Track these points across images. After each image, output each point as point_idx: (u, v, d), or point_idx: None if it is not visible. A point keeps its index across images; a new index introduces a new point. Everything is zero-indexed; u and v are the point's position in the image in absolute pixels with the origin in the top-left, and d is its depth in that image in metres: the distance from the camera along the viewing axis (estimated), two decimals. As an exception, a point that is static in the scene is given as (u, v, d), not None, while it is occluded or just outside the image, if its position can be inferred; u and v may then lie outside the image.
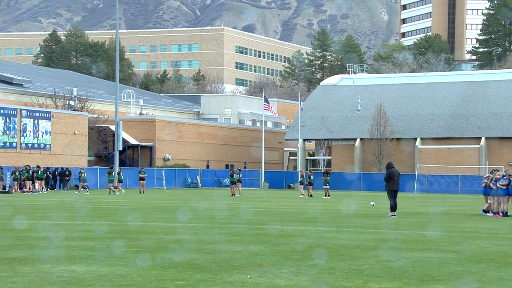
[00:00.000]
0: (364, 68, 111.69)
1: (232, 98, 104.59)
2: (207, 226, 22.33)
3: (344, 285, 11.00)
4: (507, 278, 11.93)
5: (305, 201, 43.76)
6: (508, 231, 22.01)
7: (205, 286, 10.71)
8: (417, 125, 77.13)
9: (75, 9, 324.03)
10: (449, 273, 12.42)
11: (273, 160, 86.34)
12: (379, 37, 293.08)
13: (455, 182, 67.80)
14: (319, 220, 25.61)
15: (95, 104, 76.55)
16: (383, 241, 18.03)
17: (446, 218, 28.59)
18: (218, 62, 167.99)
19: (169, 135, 76.14)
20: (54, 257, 13.90)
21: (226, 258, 13.93)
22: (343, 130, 79.28)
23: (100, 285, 10.67)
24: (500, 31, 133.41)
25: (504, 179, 29.32)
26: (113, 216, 27.04)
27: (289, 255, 14.68)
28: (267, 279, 11.39)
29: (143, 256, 14.13)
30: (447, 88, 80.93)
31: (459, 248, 16.52)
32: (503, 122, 74.62)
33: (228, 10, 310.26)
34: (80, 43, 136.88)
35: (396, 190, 27.10)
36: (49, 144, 62.70)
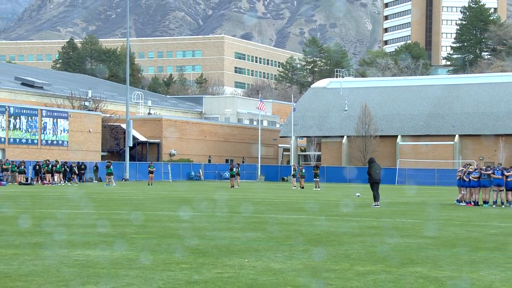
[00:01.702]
0: (351, 72, 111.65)
1: (231, 99, 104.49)
2: (209, 215, 22.33)
3: (332, 268, 11.00)
4: (478, 261, 11.94)
5: (297, 192, 43.76)
6: (479, 219, 22.04)
7: (207, 269, 10.70)
8: (398, 123, 77.15)
9: (90, 19, 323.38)
10: (427, 257, 12.43)
11: (268, 155, 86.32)
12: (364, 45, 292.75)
13: (432, 175, 67.82)
14: (310, 210, 25.62)
15: (107, 104, 76.44)
16: (367, 228, 18.04)
17: (424, 207, 28.63)
18: (218, 66, 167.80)
19: (175, 132, 76.07)
20: (71, 242, 13.90)
21: (226, 244, 13.93)
22: (331, 128, 79.26)
23: (112, 268, 10.67)
24: (471, 39, 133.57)
25: (476, 172, 29.39)
26: (124, 205, 27.02)
27: (283, 241, 14.68)
28: (263, 263, 11.39)
29: (151, 242, 14.12)
30: (424, 91, 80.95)
31: (435, 234, 16.54)
32: (474, 121, 74.66)
33: (228, 20, 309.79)
34: (94, 50, 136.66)
35: (378, 182, 27.13)
36: (67, 141, 62.62)
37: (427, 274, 10.46)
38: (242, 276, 10.08)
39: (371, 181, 27.17)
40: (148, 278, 9.89)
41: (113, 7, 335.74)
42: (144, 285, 9.36)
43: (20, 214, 21.33)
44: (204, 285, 9.42)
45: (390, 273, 10.51)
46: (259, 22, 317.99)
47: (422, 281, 9.88)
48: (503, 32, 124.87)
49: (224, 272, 10.41)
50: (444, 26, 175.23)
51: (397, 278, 10.09)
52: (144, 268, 10.76)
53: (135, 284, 9.39)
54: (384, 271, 10.68)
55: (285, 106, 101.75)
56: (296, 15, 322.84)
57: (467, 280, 10.06)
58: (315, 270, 10.70)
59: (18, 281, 9.56)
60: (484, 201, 29.20)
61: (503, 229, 18.59)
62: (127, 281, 9.64)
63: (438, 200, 34.67)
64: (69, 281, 9.63)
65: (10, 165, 52.40)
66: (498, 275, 10.54)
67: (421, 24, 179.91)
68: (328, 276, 10.18)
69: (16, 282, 9.53)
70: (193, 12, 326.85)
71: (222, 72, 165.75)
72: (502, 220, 21.79)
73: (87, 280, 9.70)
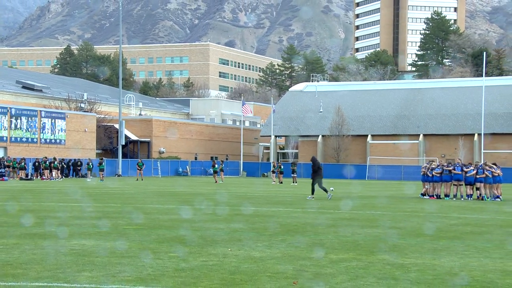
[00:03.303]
0: (325, 77, 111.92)
1: (216, 101, 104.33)
2: (195, 208, 22.27)
3: (308, 256, 11.02)
4: (439, 249, 12.02)
5: (276, 187, 43.78)
6: (440, 210, 22.18)
7: (193, 258, 10.68)
8: (368, 124, 77.44)
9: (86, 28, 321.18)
10: (394, 245, 12.48)
11: (250, 153, 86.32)
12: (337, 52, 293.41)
13: (398, 171, 68.18)
14: (288, 203, 25.64)
15: (102, 106, 76.01)
16: (340, 219, 18.08)
17: (391, 200, 28.75)
18: (204, 71, 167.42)
19: (164, 132, 75.80)
20: (68, 233, 13.80)
21: (210, 234, 13.91)
22: (308, 128, 79.39)
23: (106, 257, 10.62)
24: (434, 47, 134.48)
25: (438, 168, 29.60)
26: (117, 199, 26.87)
27: (263, 231, 14.68)
28: (245, 252, 11.39)
29: (142, 233, 14.07)
30: (392, 94, 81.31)
31: (401, 225, 16.61)
32: (437, 122, 75.15)
33: (213, 29, 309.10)
34: (89, 56, 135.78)
35: (321, 177, 27.40)
36: (64, 140, 62.19)
37: (394, 261, 10.51)
38: (226, 264, 10.07)
39: (316, 177, 27.30)
40: (138, 266, 9.85)
41: (107, 16, 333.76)
42: (135, 272, 9.33)
43: (20, 207, 21.14)
44: (190, 272, 9.40)
45: (361, 261, 10.55)
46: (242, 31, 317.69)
47: (389, 268, 9.93)
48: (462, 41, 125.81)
49: (209, 260, 10.39)
50: (410, 35, 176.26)
51: (367, 265, 10.13)
52: (135, 256, 10.72)
53: (127, 272, 9.35)
54: (355, 259, 10.71)
55: (265, 108, 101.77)
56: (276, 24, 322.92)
57: (430, 266, 10.13)
58: (293, 258, 10.71)
59: (19, 269, 9.49)
60: (445, 195, 29.43)
61: (462, 220, 18.73)
62: (120, 268, 9.59)
63: (404, 194, 34.86)
64: (66, 268, 9.57)
65: (12, 162, 51.96)
66: (457, 261, 10.62)
67: (389, 34, 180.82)
68: (304, 264, 10.20)
69: (16, 269, 9.45)
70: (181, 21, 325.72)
71: (207, 77, 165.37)
72: (461, 212, 21.95)
73: (82, 268, 9.65)
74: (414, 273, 9.49)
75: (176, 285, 8.48)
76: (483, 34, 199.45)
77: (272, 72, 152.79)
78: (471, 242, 13.25)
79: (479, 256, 11.25)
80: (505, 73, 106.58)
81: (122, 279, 8.81)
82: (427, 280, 9.02)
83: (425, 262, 10.52)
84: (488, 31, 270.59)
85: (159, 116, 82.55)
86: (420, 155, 72.35)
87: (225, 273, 9.32)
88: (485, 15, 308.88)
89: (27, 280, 8.73)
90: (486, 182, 28.61)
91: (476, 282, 8.93)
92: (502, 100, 74.49)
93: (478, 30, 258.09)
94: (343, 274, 9.34)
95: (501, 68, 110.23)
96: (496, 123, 71.98)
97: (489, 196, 28.71)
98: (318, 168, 27.29)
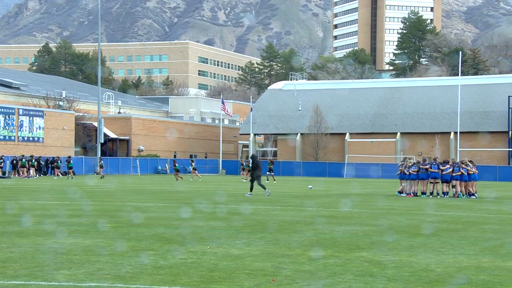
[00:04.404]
0: (304, 75, 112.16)
1: (195, 99, 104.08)
2: (174, 205, 22.20)
3: (286, 253, 11.04)
4: (416, 246, 12.11)
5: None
6: (417, 208, 22.35)
7: (172, 255, 10.65)
8: (346, 122, 77.79)
9: (64, 26, 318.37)
10: (371, 243, 12.55)
11: (229, 151, 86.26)
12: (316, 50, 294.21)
13: (376, 169, 68.59)
14: (267, 200, 25.64)
15: (80, 104, 75.47)
16: (318, 217, 18.12)
17: (369, 198, 28.89)
18: (183, 70, 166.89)
19: (143, 130, 75.43)
20: (46, 231, 13.68)
21: (189, 232, 13.87)
22: (286, 127, 79.53)
23: (84, 255, 10.54)
24: (411, 47, 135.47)
25: (415, 166, 29.83)
26: (95, 197, 26.69)
27: (242, 229, 14.68)
28: (224, 249, 11.37)
29: (121, 231, 13.99)
30: (370, 93, 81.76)
31: (379, 222, 16.70)
32: (414, 121, 75.72)
33: (192, 27, 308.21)
34: (68, 54, 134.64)
35: (260, 175, 27.54)
36: (42, 138, 61.63)
37: (372, 258, 10.57)
38: (204, 262, 10.06)
39: (255, 175, 27.40)
40: (117, 263, 9.79)
41: (85, 14, 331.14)
42: (113, 270, 9.27)
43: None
44: (169, 269, 9.37)
45: (339, 258, 10.59)
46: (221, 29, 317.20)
47: (367, 265, 9.98)
48: (439, 40, 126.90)
49: (188, 258, 10.36)
50: (387, 35, 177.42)
51: (345, 262, 10.17)
52: (114, 254, 10.65)
53: (105, 269, 9.29)
54: (333, 256, 10.75)
55: (245, 106, 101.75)
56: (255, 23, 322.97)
57: (406, 263, 10.20)
58: (271, 256, 10.72)
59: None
60: (422, 192, 29.64)
61: (438, 217, 18.89)
62: (98, 266, 9.53)
63: (381, 192, 35.05)
64: (44, 266, 9.49)
65: (-11, 160, 51.37)
66: (433, 258, 10.71)
67: (367, 33, 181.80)
68: (283, 261, 10.22)
69: (-7, 268, 9.34)
70: (160, 19, 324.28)
71: (186, 75, 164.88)
72: (438, 209, 22.14)
73: (60, 266, 9.57)
74: (391, 270, 9.55)
75: (154, 283, 8.45)
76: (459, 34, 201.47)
77: (251, 71, 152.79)
78: (447, 239, 13.37)
79: (454, 252, 11.36)
80: (480, 72, 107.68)
81: (101, 277, 8.76)
82: (403, 276, 9.09)
83: (402, 259, 10.59)
84: (464, 30, 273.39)
85: (138, 114, 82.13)
86: (397, 153, 72.86)
87: (204, 271, 9.30)
88: (461, 15, 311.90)
89: (4, 278, 8.63)
90: (462, 180, 28.89)
91: (452, 279, 9.02)
92: (477, 99, 75.27)
93: (454, 29, 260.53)
94: (321, 271, 9.38)
95: (476, 68, 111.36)
96: (471, 121, 72.72)
97: (465, 193, 29.00)
98: (257, 165, 27.45)
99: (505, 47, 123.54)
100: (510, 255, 11.25)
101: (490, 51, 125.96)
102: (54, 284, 8.33)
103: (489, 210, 21.87)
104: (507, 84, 76.44)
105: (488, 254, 11.29)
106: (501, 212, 21.17)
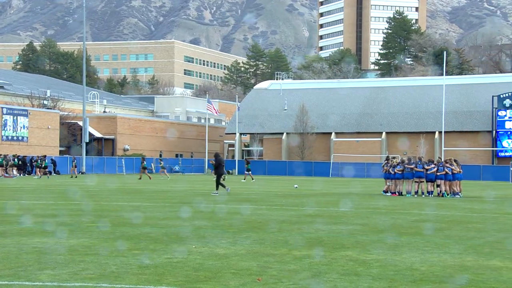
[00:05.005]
0: (290, 75, 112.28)
1: (181, 99, 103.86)
2: (160, 205, 22.14)
3: (272, 253, 11.05)
4: (401, 245, 12.17)
5: (240, 184, 43.71)
6: (402, 207, 22.45)
7: (157, 255, 10.62)
8: (332, 122, 77.96)
9: (49, 24, 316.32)
10: (356, 242, 12.59)
11: (215, 150, 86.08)
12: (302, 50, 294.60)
13: (362, 168, 68.81)
14: (253, 200, 25.66)
15: (65, 103, 75.01)
16: (304, 216, 18.16)
17: (354, 197, 28.97)
18: (169, 69, 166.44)
19: (128, 129, 75.14)
20: (30, 231, 13.58)
21: (175, 232, 13.84)
22: (272, 126, 79.57)
23: (69, 254, 10.48)
24: (396, 46, 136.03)
25: (400, 165, 29.97)
26: (80, 196, 26.54)
27: (228, 228, 14.67)
28: (209, 249, 11.36)
29: (106, 230, 13.93)
30: (355, 92, 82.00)
31: (364, 222, 16.75)
32: (399, 120, 76.06)
33: (178, 26, 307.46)
34: (52, 53, 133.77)
35: (222, 173, 27.84)
36: (26, 137, 61.21)
37: (357, 257, 10.61)
38: (190, 261, 10.04)
39: (218, 173, 27.53)
40: (102, 263, 9.75)
41: (70, 13, 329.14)
42: (98, 270, 9.23)
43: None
44: (155, 269, 9.34)
45: (324, 257, 10.62)
46: (207, 28, 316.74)
47: (352, 264, 10.02)
48: (423, 40, 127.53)
49: (173, 258, 10.34)
50: (373, 35, 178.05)
51: (330, 261, 10.20)
52: (98, 254, 10.60)
53: (90, 269, 9.25)
54: (318, 255, 10.78)
55: (230, 105, 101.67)
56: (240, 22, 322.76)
57: (391, 262, 10.25)
58: (257, 255, 10.73)
59: (-21, 268, 9.30)
60: (407, 192, 29.80)
61: (423, 216, 19.00)
62: (83, 266, 9.48)
63: (366, 191, 35.17)
64: (28, 266, 9.42)
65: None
66: (418, 257, 10.77)
67: (352, 33, 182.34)
68: (268, 260, 10.22)
69: (-23, 269, 9.26)
70: (146, 18, 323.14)
71: (172, 74, 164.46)
72: (422, 208, 22.26)
73: (44, 266, 9.51)
74: (376, 269, 9.59)
75: (139, 283, 8.42)
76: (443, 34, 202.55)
77: (237, 70, 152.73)
78: (431, 238, 13.45)
79: (439, 251, 11.43)
80: (464, 72, 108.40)
81: (85, 277, 8.72)
82: (388, 275, 9.13)
83: (387, 258, 10.64)
84: (448, 30, 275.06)
85: (123, 114, 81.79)
86: (382, 152, 73.13)
87: (189, 270, 9.28)
88: (446, 15, 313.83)
89: (-12, 279, 8.57)
90: (446, 179, 29.07)
91: (436, 277, 9.07)
92: (462, 98, 75.74)
93: (439, 29, 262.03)
94: (307, 271, 9.39)
95: (461, 67, 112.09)
96: (456, 121, 73.17)
97: (449, 193, 29.18)
98: (219, 164, 27.59)
99: (488, 47, 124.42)
100: (493, 254, 11.34)
101: (474, 51, 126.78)
102: (38, 284, 8.27)
103: (473, 209, 22.03)
104: (491, 84, 77.00)
105: (472, 253, 11.38)
106: (484, 211, 21.33)
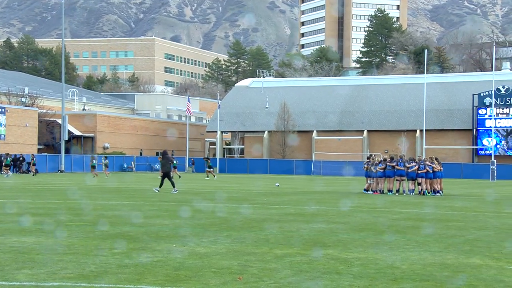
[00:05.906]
0: (271, 73, 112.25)
1: (162, 97, 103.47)
2: (140, 204, 22.05)
3: (253, 251, 11.05)
4: (382, 243, 12.24)
5: (216, 182, 43.69)
6: (383, 205, 22.57)
7: (137, 254, 10.58)
8: (313, 120, 78.15)
9: (27, 20, 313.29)
10: (338, 240, 12.64)
11: (196, 148, 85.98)
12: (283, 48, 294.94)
13: (343, 167, 69.07)
14: (234, 198, 25.66)
15: (44, 101, 74.40)
16: (285, 215, 18.19)
17: (336, 195, 29.07)
18: (149, 66, 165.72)
19: (108, 127, 74.71)
20: (7, 230, 13.45)
21: (155, 230, 13.79)
22: (254, 124, 79.59)
23: (47, 254, 10.40)
24: (378, 45, 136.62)
25: (382, 164, 30.13)
26: (60, 195, 26.35)
27: (208, 227, 14.65)
28: (189, 248, 11.34)
29: (85, 229, 13.84)
30: (337, 90, 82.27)
31: (345, 220, 16.82)
32: (381, 118, 76.47)
33: (158, 23, 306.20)
34: (31, 49, 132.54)
35: (169, 172, 27.89)
36: (4, 135, 60.60)
37: (338, 256, 10.65)
38: (170, 260, 10.01)
39: (165, 171, 27.80)
40: (81, 262, 9.69)
41: (48, 9, 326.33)
42: (77, 269, 9.17)
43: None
44: (134, 268, 9.30)
45: (305, 256, 10.64)
46: (187, 26, 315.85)
47: (333, 262, 10.05)
48: (405, 38, 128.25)
49: (154, 257, 10.31)
50: (354, 33, 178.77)
51: (311, 260, 10.23)
52: (77, 253, 10.54)
53: (69, 269, 9.18)
54: (299, 254, 10.80)
55: (212, 103, 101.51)
56: (221, 20, 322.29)
57: (372, 260, 10.30)
58: (237, 254, 10.73)
59: (-45, 269, 9.19)
60: (388, 190, 29.96)
61: (404, 214, 19.12)
62: (61, 265, 9.41)
63: (348, 189, 35.31)
64: (5, 266, 9.34)
65: None
66: (398, 255, 10.83)
67: (334, 30, 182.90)
68: (249, 259, 10.23)
69: (-47, 269, 9.15)
70: (125, 15, 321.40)
71: (153, 72, 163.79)
72: (403, 206, 22.40)
73: (22, 265, 9.43)
74: (357, 267, 9.63)
75: (119, 282, 8.38)
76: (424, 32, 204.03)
77: (218, 68, 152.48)
78: (412, 236, 13.54)
79: (419, 249, 11.51)
80: (445, 71, 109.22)
81: (64, 277, 8.65)
82: (369, 274, 9.18)
83: (368, 256, 10.69)
84: (430, 29, 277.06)
85: (103, 111, 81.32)
86: (364, 150, 73.47)
87: (170, 269, 9.26)
88: (427, 13, 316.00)
89: (-36, 279, 8.48)
90: (427, 177, 29.28)
91: (416, 275, 9.13)
92: (442, 96, 76.33)
93: (420, 28, 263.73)
94: (287, 269, 9.41)
95: (442, 66, 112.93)
96: (437, 119, 73.73)
97: (430, 191, 29.40)
98: (166, 162, 27.75)
99: (469, 46, 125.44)
100: (473, 251, 11.45)
101: (455, 50, 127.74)
102: (15, 284, 8.20)
103: (453, 207, 22.21)
104: (472, 82, 77.67)
105: (452, 251, 11.47)
106: (465, 209, 21.52)
